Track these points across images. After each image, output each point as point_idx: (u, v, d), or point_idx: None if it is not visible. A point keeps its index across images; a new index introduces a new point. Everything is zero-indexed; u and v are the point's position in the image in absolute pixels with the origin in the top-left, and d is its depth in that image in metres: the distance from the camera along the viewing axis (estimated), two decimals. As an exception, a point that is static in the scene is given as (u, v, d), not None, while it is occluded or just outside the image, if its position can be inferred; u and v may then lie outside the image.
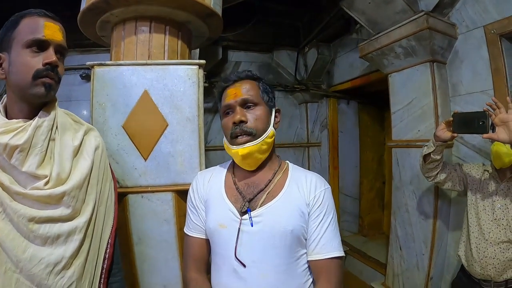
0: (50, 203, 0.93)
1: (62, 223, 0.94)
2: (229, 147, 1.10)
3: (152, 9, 1.54)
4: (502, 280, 1.60)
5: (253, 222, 1.02)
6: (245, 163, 1.09)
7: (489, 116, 1.41)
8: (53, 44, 0.93)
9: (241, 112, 1.06)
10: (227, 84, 1.13)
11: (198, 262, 1.14)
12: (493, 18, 2.00)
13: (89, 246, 0.99)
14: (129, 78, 1.45)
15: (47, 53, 0.92)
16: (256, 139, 1.05)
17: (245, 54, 4.01)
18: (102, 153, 1.12)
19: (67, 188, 0.94)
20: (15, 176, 0.90)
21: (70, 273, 0.93)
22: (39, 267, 0.88)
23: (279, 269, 1.01)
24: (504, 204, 1.62)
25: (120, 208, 1.45)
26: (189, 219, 1.18)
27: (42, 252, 0.89)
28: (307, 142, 4.26)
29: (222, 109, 1.13)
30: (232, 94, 1.09)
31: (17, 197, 0.89)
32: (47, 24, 0.93)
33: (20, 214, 0.87)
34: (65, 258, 0.92)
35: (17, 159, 0.89)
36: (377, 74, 2.92)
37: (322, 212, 1.06)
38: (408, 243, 2.45)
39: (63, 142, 1.00)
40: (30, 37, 0.90)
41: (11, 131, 0.89)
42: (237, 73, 1.15)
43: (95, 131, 1.16)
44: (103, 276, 1.05)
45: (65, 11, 2.87)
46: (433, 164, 1.78)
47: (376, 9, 2.32)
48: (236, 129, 1.05)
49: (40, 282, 0.88)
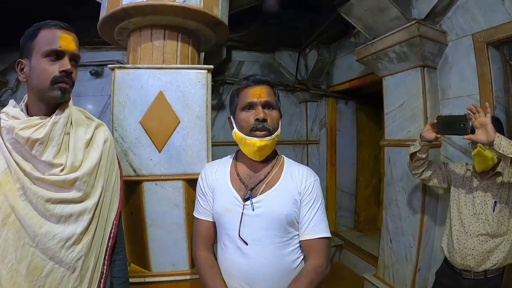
0: (64, 187, 1.05)
1: (74, 204, 1.06)
2: (244, 138, 1.23)
3: (166, 18, 1.69)
4: (481, 271, 1.69)
5: (254, 207, 1.20)
6: (258, 154, 1.24)
7: (469, 119, 1.54)
8: (68, 53, 1.03)
9: (264, 112, 1.21)
10: (249, 84, 1.26)
11: (206, 242, 1.31)
12: (481, 27, 2.09)
13: (96, 225, 1.11)
14: (146, 80, 1.60)
15: (62, 62, 1.03)
16: (271, 135, 1.22)
17: (248, 54, 4.09)
18: (110, 146, 1.24)
19: (79, 174, 1.07)
20: (35, 164, 1.02)
21: (79, 248, 1.05)
22: (52, 242, 1.00)
23: (275, 246, 1.19)
24: (484, 200, 1.72)
25: (136, 195, 1.62)
26: (198, 204, 1.34)
27: (56, 229, 1.02)
28: (306, 139, 4.35)
29: (241, 104, 1.25)
30: (257, 94, 1.22)
31: (37, 181, 1.01)
32: (63, 36, 1.03)
33: (39, 196, 1.00)
34: (75, 234, 1.04)
35: (37, 150, 1.01)
36: (373, 76, 2.98)
37: (312, 199, 1.24)
38: (398, 236, 2.54)
39: (77, 136, 1.13)
40: (48, 48, 1.01)
41: (32, 126, 1.01)
42: (259, 77, 1.28)
43: (104, 126, 1.28)
44: (107, 253, 1.17)
45: (73, 11, 3.04)
46: (419, 162, 1.90)
47: (372, 16, 2.42)
48: (258, 125, 1.20)
49: (53, 255, 1.00)
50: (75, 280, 1.04)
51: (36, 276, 0.99)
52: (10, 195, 0.99)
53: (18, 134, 0.99)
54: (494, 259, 1.67)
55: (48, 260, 1.00)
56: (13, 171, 1.00)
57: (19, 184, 1.00)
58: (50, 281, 1.00)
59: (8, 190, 0.99)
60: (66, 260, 1.02)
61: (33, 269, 0.98)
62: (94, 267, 1.10)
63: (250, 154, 1.26)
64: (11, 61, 3.48)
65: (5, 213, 0.98)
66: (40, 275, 0.99)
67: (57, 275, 1.01)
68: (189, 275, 1.69)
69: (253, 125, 1.21)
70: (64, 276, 1.02)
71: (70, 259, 1.03)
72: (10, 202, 0.98)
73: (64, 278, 1.02)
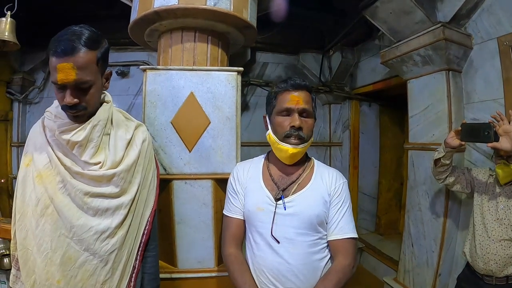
0: (102, 182, 1.09)
1: (111, 199, 1.10)
2: (277, 142, 1.26)
3: (197, 21, 1.75)
4: (503, 276, 1.67)
5: (286, 206, 1.24)
6: (289, 160, 1.28)
7: (493, 127, 1.53)
8: (68, 85, 1.00)
9: (300, 119, 1.24)
10: (288, 88, 1.27)
11: (236, 239, 1.35)
12: (506, 31, 2.05)
13: (131, 221, 1.15)
14: (177, 81, 1.66)
15: (65, 94, 1.01)
16: (304, 143, 1.26)
17: (273, 55, 4.11)
18: (148, 146, 1.28)
19: (117, 171, 1.11)
20: (75, 160, 1.08)
21: (114, 241, 1.09)
22: (88, 234, 1.04)
23: (305, 245, 1.23)
24: (507, 205, 1.70)
25: (166, 192, 1.67)
26: (229, 203, 1.38)
27: (92, 222, 1.06)
28: (329, 141, 4.34)
29: (279, 109, 1.27)
30: (295, 101, 1.24)
31: (76, 175, 1.06)
32: (59, 67, 0.97)
33: (78, 189, 1.05)
34: (110, 228, 1.08)
35: (77, 151, 1.06)
36: (398, 79, 2.97)
37: (341, 201, 1.28)
38: (420, 240, 2.51)
39: (118, 136, 1.17)
40: (53, 80, 1.00)
41: (72, 129, 1.06)
42: (299, 81, 1.28)
43: (143, 126, 1.32)
44: (140, 248, 1.20)
45: (101, 11, 3.11)
46: (443, 168, 1.90)
47: (397, 19, 2.40)
48: (293, 132, 1.23)
49: (88, 246, 1.04)
50: (107, 273, 1.08)
51: (69, 266, 1.03)
52: (50, 187, 1.04)
53: (59, 136, 1.06)
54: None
55: (82, 252, 1.04)
56: (54, 165, 1.06)
57: (60, 178, 1.05)
58: (82, 271, 1.04)
59: (48, 183, 1.05)
60: (100, 252, 1.06)
61: (67, 259, 1.03)
62: (126, 261, 1.14)
63: (281, 158, 1.30)
64: (38, 61, 3.64)
65: (44, 204, 1.03)
66: (74, 266, 1.03)
67: (90, 266, 1.05)
68: (215, 272, 1.72)
69: (287, 132, 1.24)
70: (97, 268, 1.06)
71: (104, 251, 1.07)
72: (49, 194, 1.04)
73: (96, 270, 1.06)
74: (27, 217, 1.05)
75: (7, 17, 2.12)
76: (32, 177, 1.06)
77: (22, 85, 3.60)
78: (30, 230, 1.03)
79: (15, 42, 2.18)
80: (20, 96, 3.62)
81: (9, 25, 2.13)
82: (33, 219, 1.03)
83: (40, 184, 1.05)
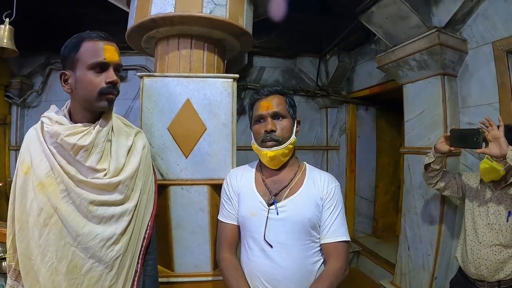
0: (107, 190, 1.10)
1: (115, 207, 1.11)
2: (258, 149, 1.32)
3: (193, 29, 1.76)
4: (495, 281, 1.69)
5: (278, 211, 1.26)
6: (272, 163, 1.31)
7: (482, 132, 1.55)
8: (112, 64, 1.07)
9: (272, 122, 1.28)
10: (260, 96, 1.33)
11: (231, 244, 1.37)
12: (501, 35, 2.09)
13: (133, 226, 1.16)
14: (174, 88, 1.66)
15: (108, 73, 1.06)
16: (281, 145, 1.27)
17: (270, 60, 4.15)
18: (148, 152, 1.30)
19: (122, 178, 1.12)
20: (78, 168, 1.07)
21: (118, 247, 1.10)
22: (94, 241, 1.05)
23: (299, 249, 1.25)
24: (497, 210, 1.72)
25: (163, 198, 1.67)
26: (223, 208, 1.40)
27: (97, 229, 1.06)
28: (326, 145, 4.37)
29: (254, 117, 1.34)
30: (265, 106, 1.29)
31: (80, 184, 1.06)
32: (106, 47, 1.05)
33: (83, 198, 1.05)
34: (115, 234, 1.09)
35: (82, 156, 1.06)
36: (394, 83, 2.98)
37: (333, 204, 1.30)
38: (416, 243, 2.53)
39: (119, 143, 1.18)
40: (93, 60, 1.03)
41: (78, 133, 1.05)
42: (269, 88, 1.34)
43: (142, 133, 1.34)
44: (142, 252, 1.22)
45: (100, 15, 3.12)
46: (433, 173, 1.93)
47: (393, 24, 2.43)
48: (266, 136, 1.27)
49: (94, 254, 1.05)
50: (112, 278, 1.09)
51: (75, 274, 1.04)
52: (53, 196, 1.03)
53: (64, 140, 1.04)
54: (507, 269, 1.67)
55: (87, 259, 1.05)
56: (56, 174, 1.05)
57: (63, 186, 1.04)
58: (88, 278, 1.05)
59: (51, 192, 1.03)
60: (105, 259, 1.07)
61: (73, 268, 1.03)
62: (129, 265, 1.16)
63: (265, 163, 1.34)
64: (37, 64, 3.65)
65: (48, 213, 1.02)
66: (80, 273, 1.04)
67: (95, 273, 1.06)
68: (211, 276, 1.72)
69: (262, 137, 1.29)
70: (102, 274, 1.07)
71: (109, 258, 1.08)
72: (53, 203, 1.03)
73: (102, 276, 1.07)
74: (28, 227, 1.04)
75: (6, 24, 2.12)
76: (33, 185, 1.05)
77: (20, 89, 3.62)
78: (33, 240, 1.03)
79: (14, 49, 2.19)
80: (19, 99, 3.63)
81: (7, 32, 2.13)
82: (35, 229, 1.03)
83: (42, 193, 1.03)
